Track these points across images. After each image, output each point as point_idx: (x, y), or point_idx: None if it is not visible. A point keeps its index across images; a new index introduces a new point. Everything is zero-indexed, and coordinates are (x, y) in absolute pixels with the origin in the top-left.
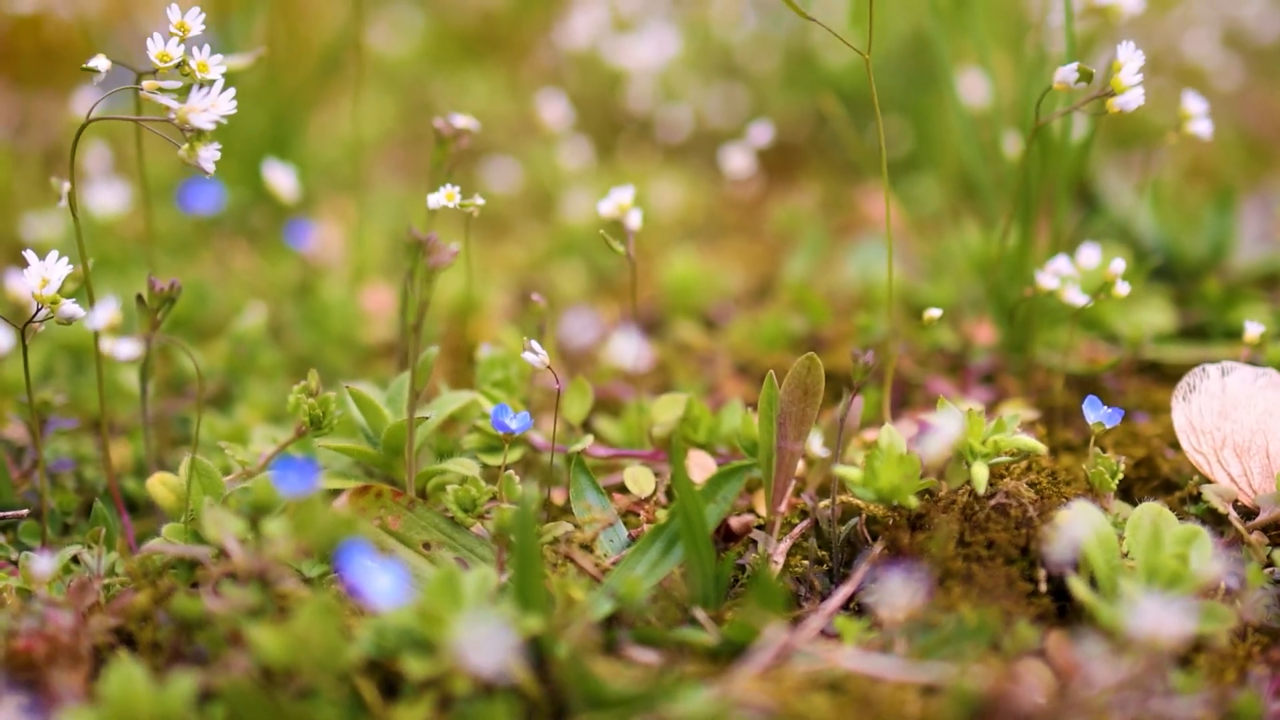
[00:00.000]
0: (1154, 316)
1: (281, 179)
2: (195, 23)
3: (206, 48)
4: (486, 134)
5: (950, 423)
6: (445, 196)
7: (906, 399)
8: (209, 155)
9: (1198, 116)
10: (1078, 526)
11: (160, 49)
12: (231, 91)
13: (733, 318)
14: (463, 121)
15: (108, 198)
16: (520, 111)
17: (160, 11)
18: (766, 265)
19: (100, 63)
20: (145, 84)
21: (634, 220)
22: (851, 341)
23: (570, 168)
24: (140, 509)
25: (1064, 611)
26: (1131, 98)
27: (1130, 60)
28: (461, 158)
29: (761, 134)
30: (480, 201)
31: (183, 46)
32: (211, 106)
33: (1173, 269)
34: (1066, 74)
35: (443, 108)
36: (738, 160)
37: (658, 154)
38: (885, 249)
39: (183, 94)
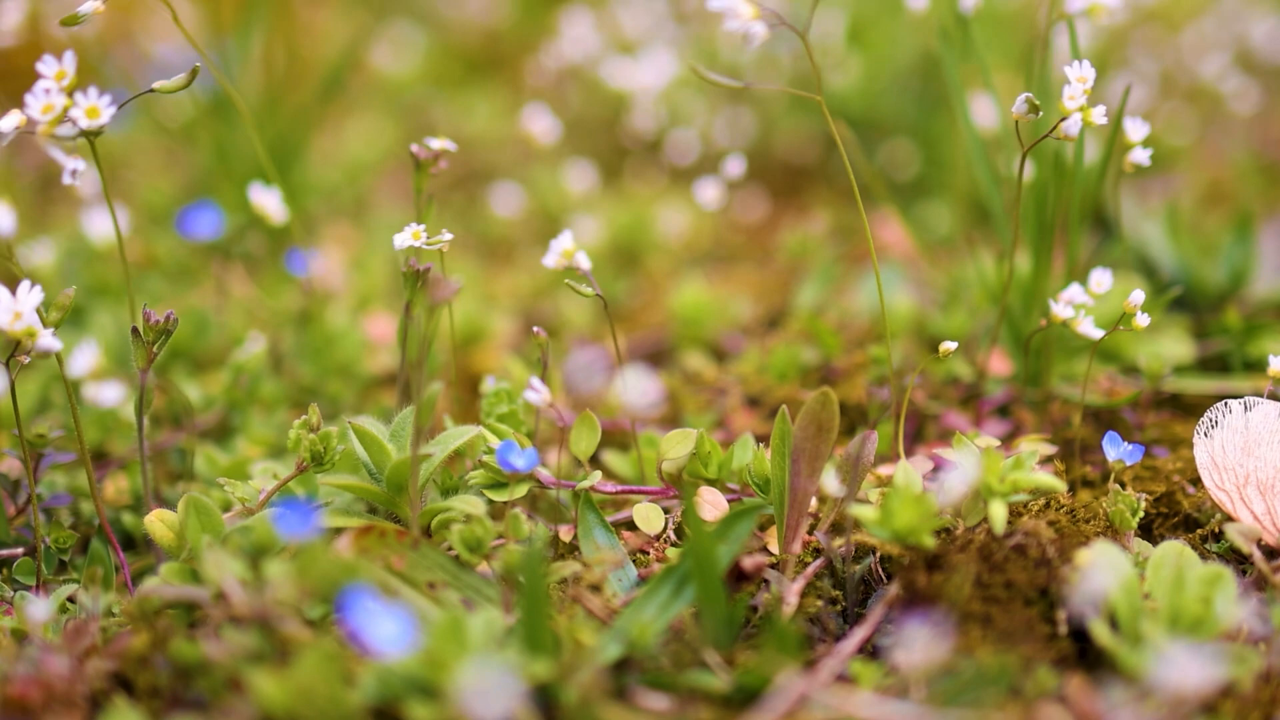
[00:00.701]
0: (1173, 347)
1: (269, 203)
2: (70, 68)
3: (92, 90)
4: (490, 156)
5: (968, 465)
6: (411, 235)
7: (921, 431)
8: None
9: (1135, 145)
10: (1099, 574)
11: (44, 102)
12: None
13: (743, 347)
14: (439, 144)
15: (105, 223)
16: (524, 133)
17: (160, 31)
18: (777, 292)
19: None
20: (38, 131)
21: (583, 261)
22: (864, 373)
23: (575, 191)
24: (139, 544)
25: (1085, 654)
26: (1072, 123)
27: (1076, 80)
28: (465, 181)
29: (736, 166)
30: (448, 238)
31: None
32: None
33: (1191, 297)
34: (1019, 106)
35: (445, 129)
36: (709, 192)
37: (664, 177)
38: (897, 277)
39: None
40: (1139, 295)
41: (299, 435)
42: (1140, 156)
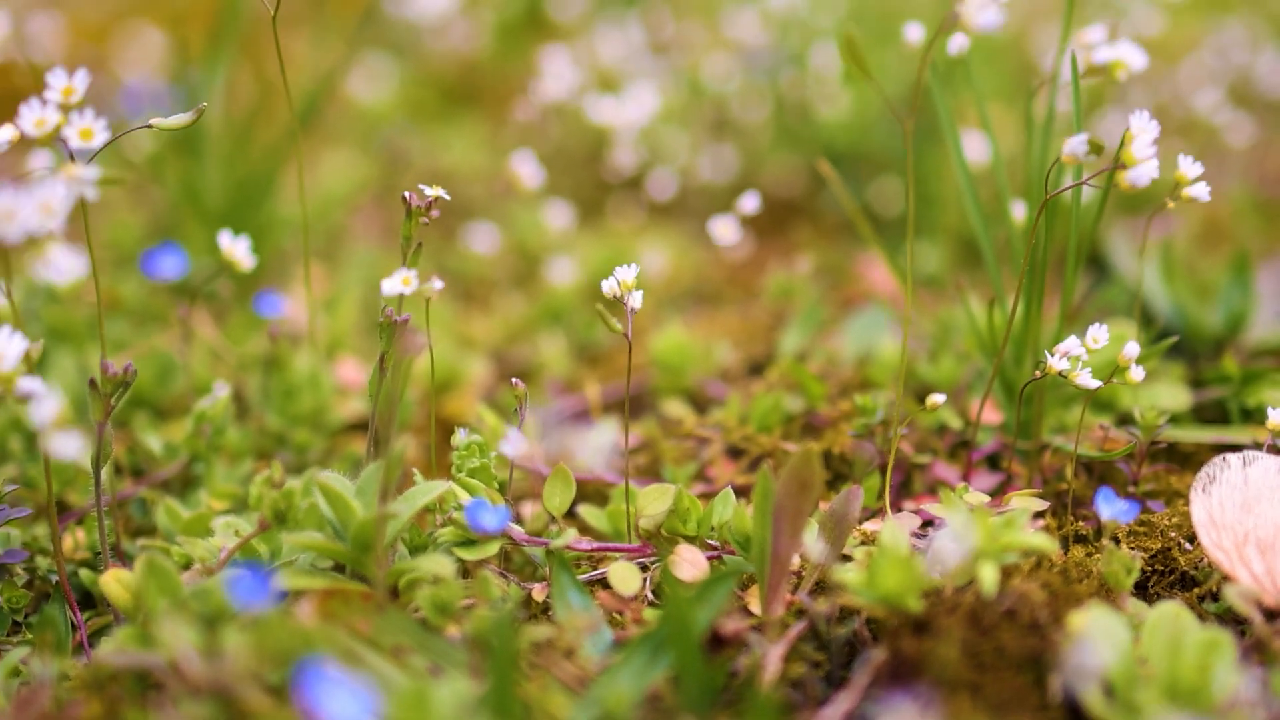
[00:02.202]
0: (1168, 395)
1: (237, 250)
2: (81, 87)
3: (89, 112)
4: (467, 189)
5: (958, 528)
6: (401, 282)
7: (908, 481)
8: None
9: (1194, 181)
10: (1093, 645)
11: (38, 115)
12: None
13: (725, 394)
14: (433, 192)
15: (67, 264)
16: (502, 167)
17: (135, 57)
18: (761, 335)
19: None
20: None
21: (636, 300)
22: (850, 422)
23: (554, 229)
24: (98, 600)
25: None
26: (1144, 171)
27: (1143, 131)
28: (441, 216)
29: (750, 203)
30: (439, 286)
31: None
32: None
33: (1187, 342)
34: (1076, 146)
35: (421, 161)
36: (725, 231)
37: (646, 213)
38: (885, 319)
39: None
40: (1134, 348)
41: (261, 492)
42: (1200, 191)
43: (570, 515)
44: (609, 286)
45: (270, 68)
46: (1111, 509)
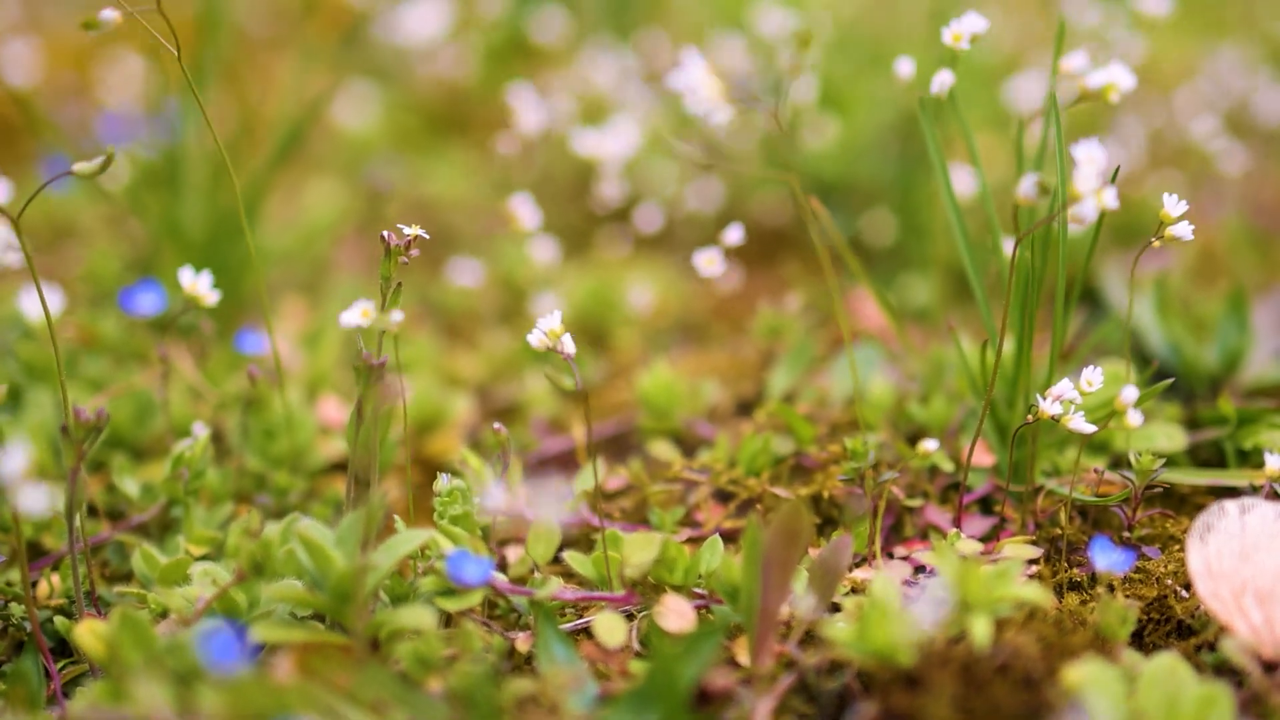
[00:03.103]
0: (1163, 436)
1: (202, 287)
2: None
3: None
4: (452, 217)
5: (949, 582)
6: (360, 314)
7: (899, 524)
8: None
9: (1177, 220)
10: (1089, 703)
11: None
12: None
13: (713, 434)
14: (411, 231)
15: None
16: (488, 197)
17: (117, 83)
18: (749, 373)
19: None
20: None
21: (568, 345)
22: (840, 465)
23: (539, 262)
24: (73, 649)
25: None
26: (1089, 206)
27: (1089, 162)
28: (426, 246)
29: (735, 234)
30: (399, 318)
31: None
32: None
33: (1183, 380)
34: (1026, 188)
35: (406, 190)
36: (709, 264)
37: (635, 244)
38: (876, 356)
39: None
40: (1131, 393)
41: (239, 543)
42: (1183, 231)
43: (556, 560)
44: (537, 339)
45: (254, 93)
46: (1107, 559)
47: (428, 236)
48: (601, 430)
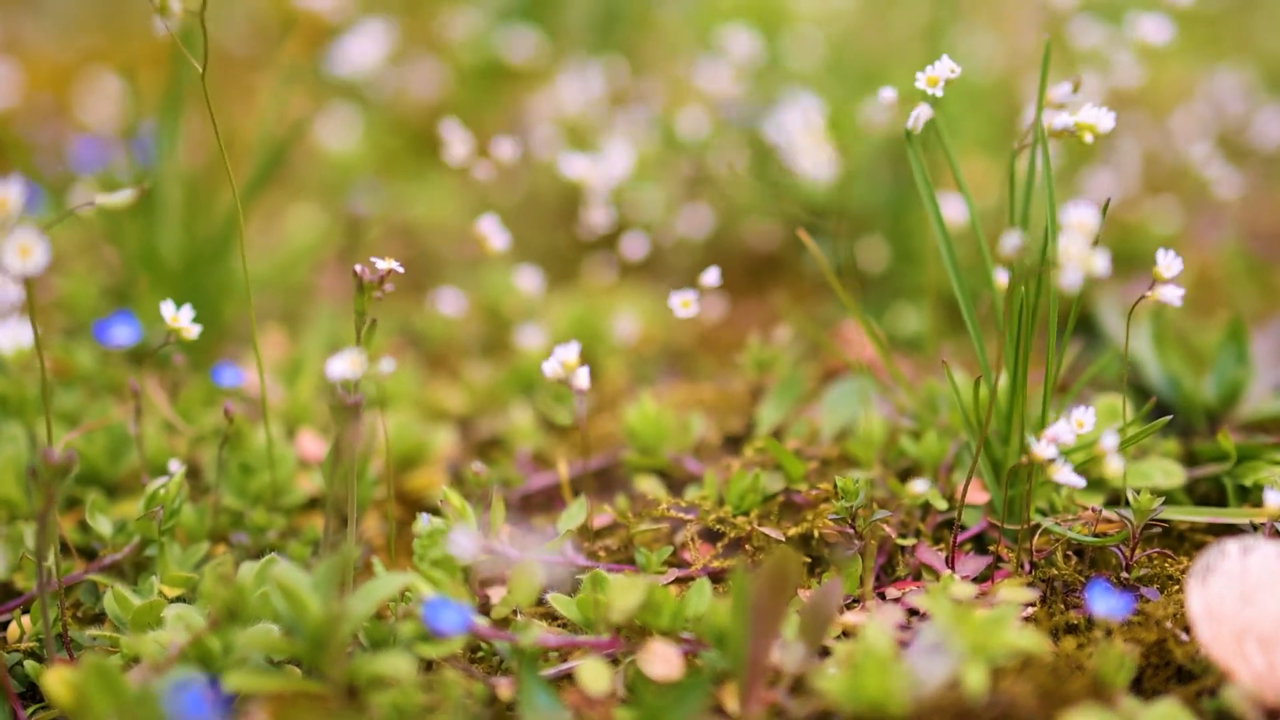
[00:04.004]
0: (1161, 472)
1: (184, 319)
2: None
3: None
4: (434, 241)
5: (943, 632)
6: (350, 364)
7: (891, 563)
8: None
9: (1168, 279)
10: None
11: None
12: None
13: (701, 470)
14: (385, 265)
15: (16, 333)
16: (470, 221)
17: (97, 104)
18: (739, 405)
19: None
20: None
21: (582, 379)
22: (831, 503)
23: (524, 291)
24: (43, 694)
25: None
26: (1074, 275)
27: (1080, 228)
28: (409, 271)
29: (712, 277)
30: (389, 369)
31: None
32: None
33: (1181, 415)
34: (1010, 245)
35: (389, 214)
36: (684, 307)
37: (622, 271)
38: (867, 389)
39: None
40: (1111, 440)
41: (211, 590)
42: (1170, 296)
43: (541, 602)
44: (551, 369)
45: (234, 114)
46: (1106, 605)
47: (402, 270)
48: (588, 464)
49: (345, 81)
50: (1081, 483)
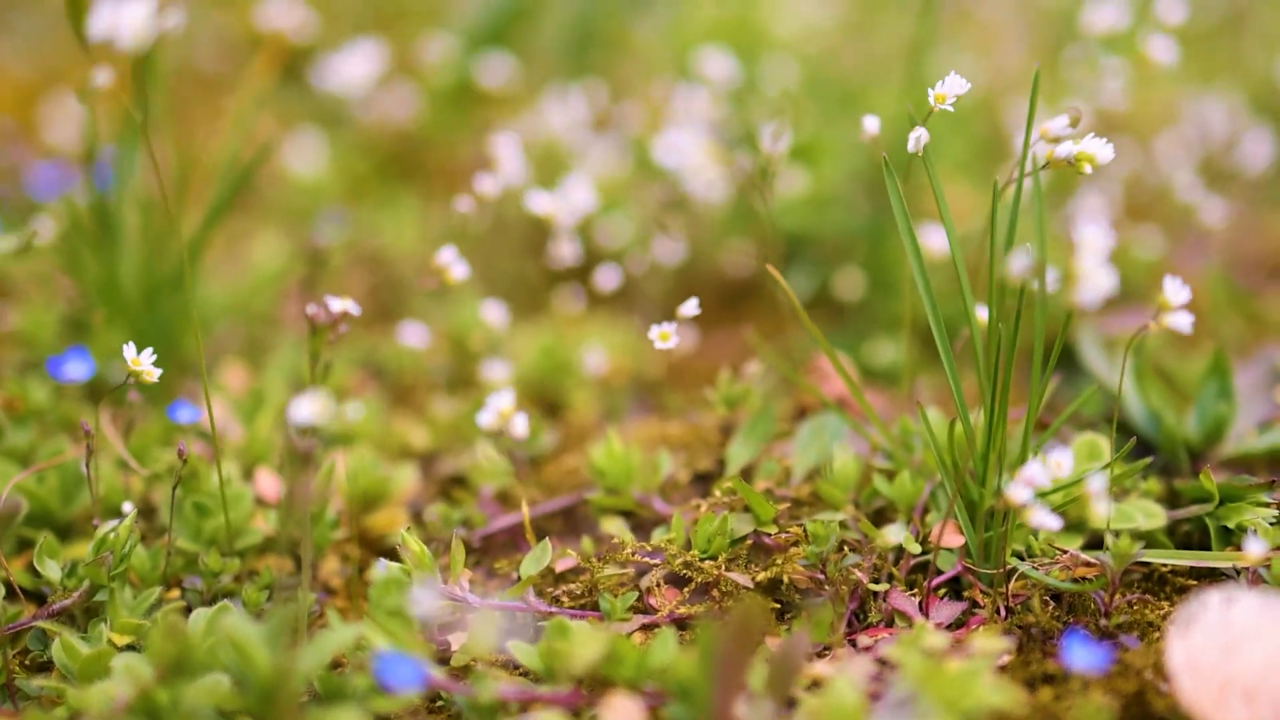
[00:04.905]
0: (1142, 513)
1: (145, 363)
2: None
3: None
4: (402, 268)
5: (914, 691)
6: (313, 409)
7: (863, 609)
8: None
9: (1177, 307)
10: None
11: None
12: None
13: (669, 510)
14: (340, 305)
15: None
16: (437, 249)
17: (64, 128)
18: (708, 440)
19: None
20: None
21: (519, 428)
22: (801, 547)
23: (490, 324)
24: None
25: None
26: (1094, 288)
27: (1091, 243)
28: (377, 299)
29: (690, 307)
30: (356, 415)
31: None
32: None
33: (1163, 453)
34: (1018, 267)
35: (356, 239)
36: (662, 339)
37: (593, 300)
38: (841, 426)
39: None
40: (1097, 484)
41: (159, 642)
42: (1182, 323)
43: (503, 649)
44: (488, 420)
45: (201, 136)
46: (1083, 659)
47: (358, 313)
48: (553, 504)
49: (314, 104)
50: (1057, 525)
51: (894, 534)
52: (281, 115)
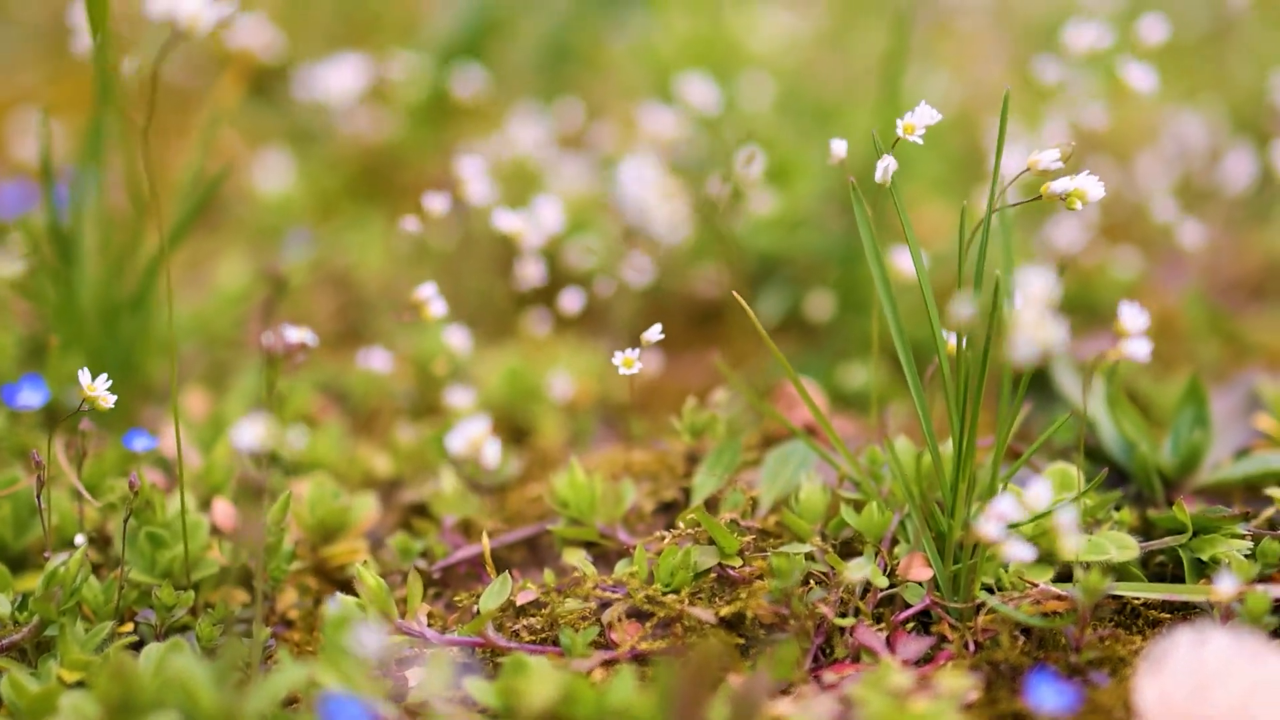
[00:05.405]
0: (1115, 544)
1: (100, 389)
2: None
3: None
4: (368, 290)
5: None
6: (257, 434)
7: (829, 644)
8: None
9: (1134, 334)
10: None
11: None
12: None
13: (633, 541)
14: (299, 335)
15: None
16: (404, 269)
17: (33, 145)
18: (675, 468)
19: None
20: None
21: (491, 457)
22: (766, 581)
23: (454, 349)
24: None
25: None
26: (1025, 351)
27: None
28: (342, 319)
29: (655, 332)
30: (298, 444)
31: None
32: None
33: (1137, 481)
34: (961, 314)
35: (322, 259)
36: (626, 366)
37: (563, 323)
38: (807, 456)
39: None
40: (1068, 517)
41: (105, 684)
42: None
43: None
44: (458, 447)
45: (168, 153)
46: (1050, 702)
47: (315, 343)
48: (516, 534)
49: (284, 120)
50: (1030, 556)
51: (858, 570)
52: (251, 132)
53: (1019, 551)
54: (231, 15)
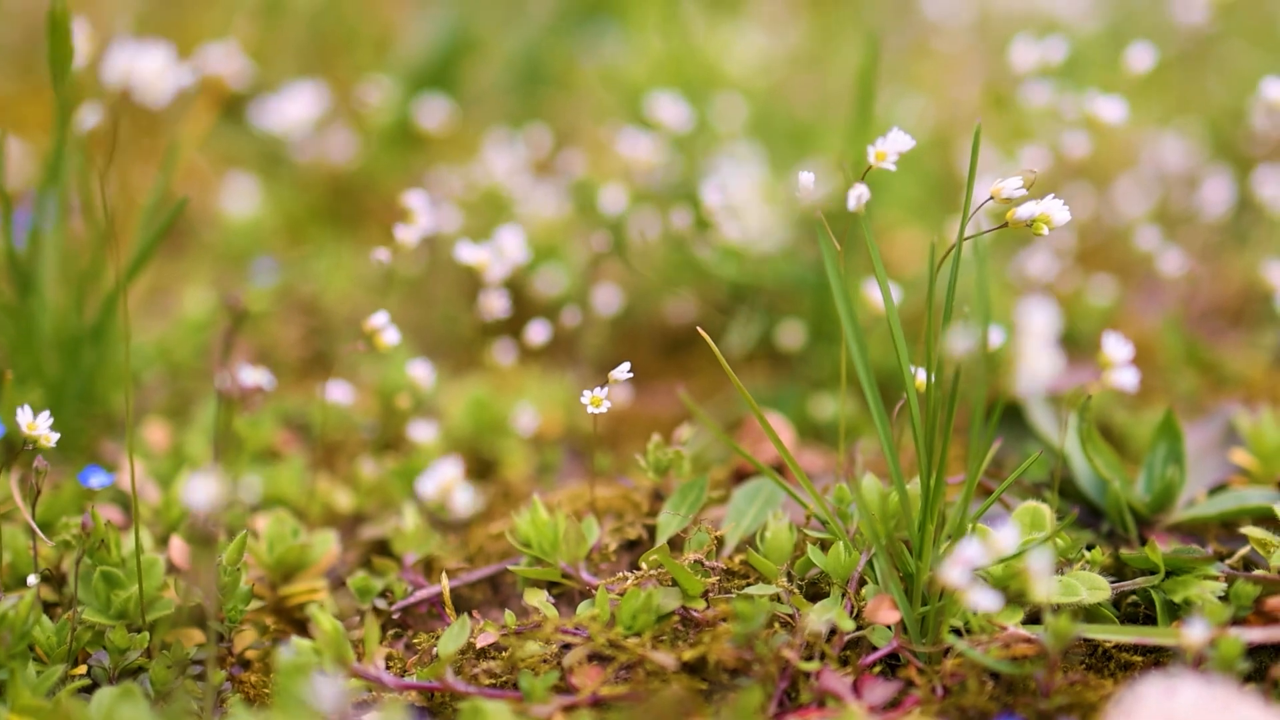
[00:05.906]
0: (1086, 586)
1: (41, 427)
2: None
3: None
4: (337, 316)
5: None
6: (207, 492)
7: (794, 689)
8: None
9: (1120, 365)
10: None
11: None
12: None
13: (596, 581)
14: (255, 378)
15: None
16: (370, 297)
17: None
18: (640, 504)
19: None
20: None
21: (462, 501)
22: (729, 626)
23: (418, 382)
24: None
25: None
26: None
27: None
28: (308, 347)
29: (622, 371)
30: (250, 499)
31: None
32: None
33: (1109, 519)
34: (960, 347)
35: (288, 286)
36: (594, 405)
37: (529, 353)
38: (773, 494)
39: None
40: (1040, 562)
41: None
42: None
43: None
44: (430, 489)
45: (135, 177)
46: None
47: (270, 386)
48: (478, 572)
49: (253, 144)
50: (997, 606)
51: (820, 619)
52: (220, 155)
53: (984, 600)
54: (189, 84)
